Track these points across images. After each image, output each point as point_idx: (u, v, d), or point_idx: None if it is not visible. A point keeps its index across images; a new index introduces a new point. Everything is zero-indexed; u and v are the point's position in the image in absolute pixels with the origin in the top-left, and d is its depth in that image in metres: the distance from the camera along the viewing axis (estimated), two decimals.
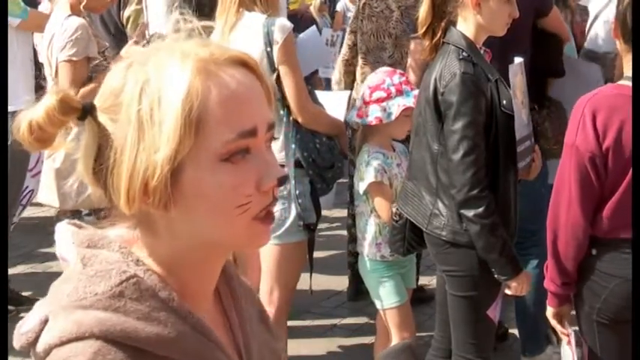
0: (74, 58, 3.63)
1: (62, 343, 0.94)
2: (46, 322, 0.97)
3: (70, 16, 3.78)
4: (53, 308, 0.98)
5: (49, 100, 0.99)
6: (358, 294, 4.57)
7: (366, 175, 3.26)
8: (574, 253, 2.37)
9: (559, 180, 2.38)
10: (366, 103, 3.33)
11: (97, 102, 1.01)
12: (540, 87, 3.74)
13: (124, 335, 0.95)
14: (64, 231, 1.06)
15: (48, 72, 3.89)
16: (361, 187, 3.30)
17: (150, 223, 1.01)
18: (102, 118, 1.00)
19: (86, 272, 0.99)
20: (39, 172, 4.33)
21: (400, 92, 3.28)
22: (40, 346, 0.96)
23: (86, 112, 1.00)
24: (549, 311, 2.52)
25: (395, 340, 3.31)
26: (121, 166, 0.97)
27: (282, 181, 1.00)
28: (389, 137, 3.36)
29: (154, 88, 0.96)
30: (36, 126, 0.99)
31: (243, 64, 1.01)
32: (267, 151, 1.01)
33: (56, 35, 3.76)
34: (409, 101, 3.24)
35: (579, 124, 2.30)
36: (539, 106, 3.69)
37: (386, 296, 3.32)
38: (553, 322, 2.53)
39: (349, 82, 4.45)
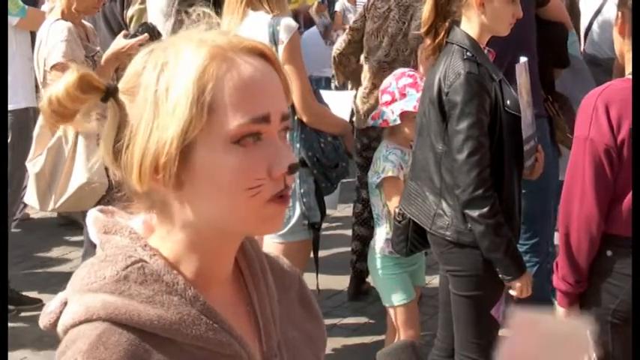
0: (61, 60, 3.63)
1: (74, 325, 1.00)
2: (66, 304, 1.03)
3: (57, 20, 3.77)
4: (71, 291, 1.04)
5: (69, 76, 1.03)
6: (358, 293, 4.60)
7: (383, 168, 3.27)
8: (587, 248, 2.34)
9: (571, 174, 2.36)
10: (380, 105, 3.39)
11: (120, 84, 1.05)
12: (550, 79, 3.75)
13: (127, 318, 0.99)
14: (91, 217, 1.10)
15: (38, 77, 3.90)
16: (376, 180, 3.32)
17: (164, 206, 1.04)
18: (123, 98, 1.03)
19: (98, 257, 1.05)
20: None
21: (403, 95, 3.31)
22: (60, 327, 1.03)
23: (109, 93, 1.04)
24: (560, 312, 2.48)
25: (401, 337, 3.33)
26: (135, 143, 1.01)
27: (293, 168, 1.02)
28: (405, 138, 3.35)
29: (171, 70, 1.00)
30: (55, 100, 1.03)
31: (261, 54, 1.04)
32: (280, 139, 1.03)
33: (43, 41, 3.77)
34: (409, 105, 3.27)
35: (592, 117, 2.27)
36: (552, 98, 3.71)
37: (393, 294, 3.33)
38: None
39: (346, 75, 4.48)
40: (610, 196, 2.31)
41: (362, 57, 4.42)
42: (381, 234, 3.36)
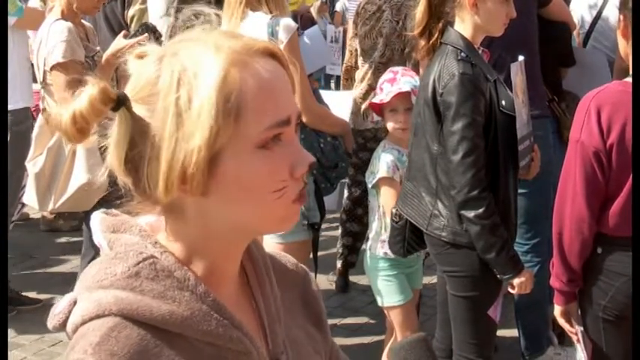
0: (61, 60, 3.63)
1: (84, 322, 1.00)
2: (74, 303, 1.03)
3: (57, 20, 3.77)
4: (80, 290, 1.03)
5: (92, 90, 1.00)
6: (347, 286, 4.74)
7: (378, 169, 3.28)
8: (579, 248, 2.38)
9: (564, 175, 2.39)
10: None
11: (129, 93, 1.03)
12: (556, 78, 3.75)
13: (139, 313, 0.99)
14: (97, 219, 1.10)
15: (38, 77, 3.90)
16: (371, 180, 3.32)
17: (180, 210, 1.04)
18: (137, 108, 1.01)
19: (108, 255, 1.05)
20: None
21: (381, 91, 3.36)
22: (69, 327, 1.02)
23: (120, 102, 1.02)
24: (557, 310, 2.52)
25: (397, 336, 3.32)
26: (159, 154, 0.99)
27: (313, 166, 1.05)
28: (397, 137, 3.37)
29: (191, 77, 0.98)
30: (80, 116, 1.00)
31: (272, 55, 1.04)
32: (296, 138, 1.05)
33: (43, 40, 3.77)
34: (376, 99, 3.35)
35: (584, 120, 2.30)
36: (559, 97, 3.70)
37: (388, 294, 3.33)
38: (561, 321, 2.53)
39: (351, 87, 4.56)
40: (602, 198, 2.33)
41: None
42: (377, 235, 3.36)
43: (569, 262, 2.40)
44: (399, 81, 3.31)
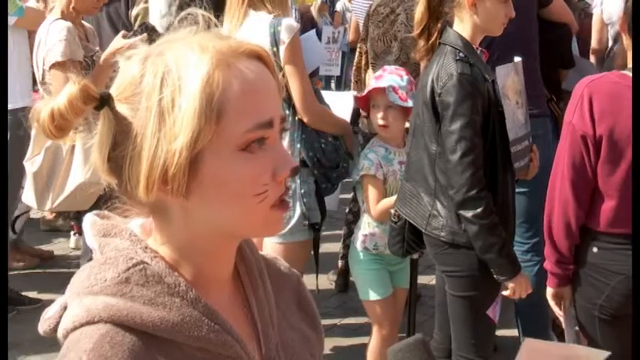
0: (60, 59, 3.64)
1: (75, 328, 1.00)
2: (65, 308, 1.03)
3: (57, 20, 3.78)
4: (70, 295, 1.03)
5: (72, 88, 1.00)
6: (347, 285, 4.75)
7: (362, 166, 3.31)
8: (564, 232, 2.40)
9: (557, 159, 2.41)
10: None
11: (113, 92, 1.03)
12: (556, 79, 3.75)
13: (130, 320, 0.99)
14: (88, 221, 1.09)
15: (37, 76, 3.91)
16: (355, 177, 3.37)
17: (164, 211, 1.04)
18: (120, 107, 1.01)
19: (98, 260, 1.04)
20: None
21: (368, 86, 3.42)
22: (60, 332, 1.02)
23: (104, 101, 1.02)
24: (548, 291, 2.55)
25: (375, 332, 3.36)
26: (140, 153, 0.99)
27: (295, 170, 1.03)
28: (385, 136, 3.40)
29: (175, 78, 0.98)
30: (58, 114, 1.00)
31: (258, 57, 1.04)
32: (280, 142, 1.04)
33: (42, 40, 3.78)
34: (361, 92, 3.40)
35: (577, 104, 2.32)
36: (558, 98, 3.71)
37: (367, 288, 3.36)
38: (551, 303, 2.56)
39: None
40: (589, 185, 2.34)
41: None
42: (359, 229, 3.39)
43: (557, 245, 2.43)
44: (384, 78, 3.33)
